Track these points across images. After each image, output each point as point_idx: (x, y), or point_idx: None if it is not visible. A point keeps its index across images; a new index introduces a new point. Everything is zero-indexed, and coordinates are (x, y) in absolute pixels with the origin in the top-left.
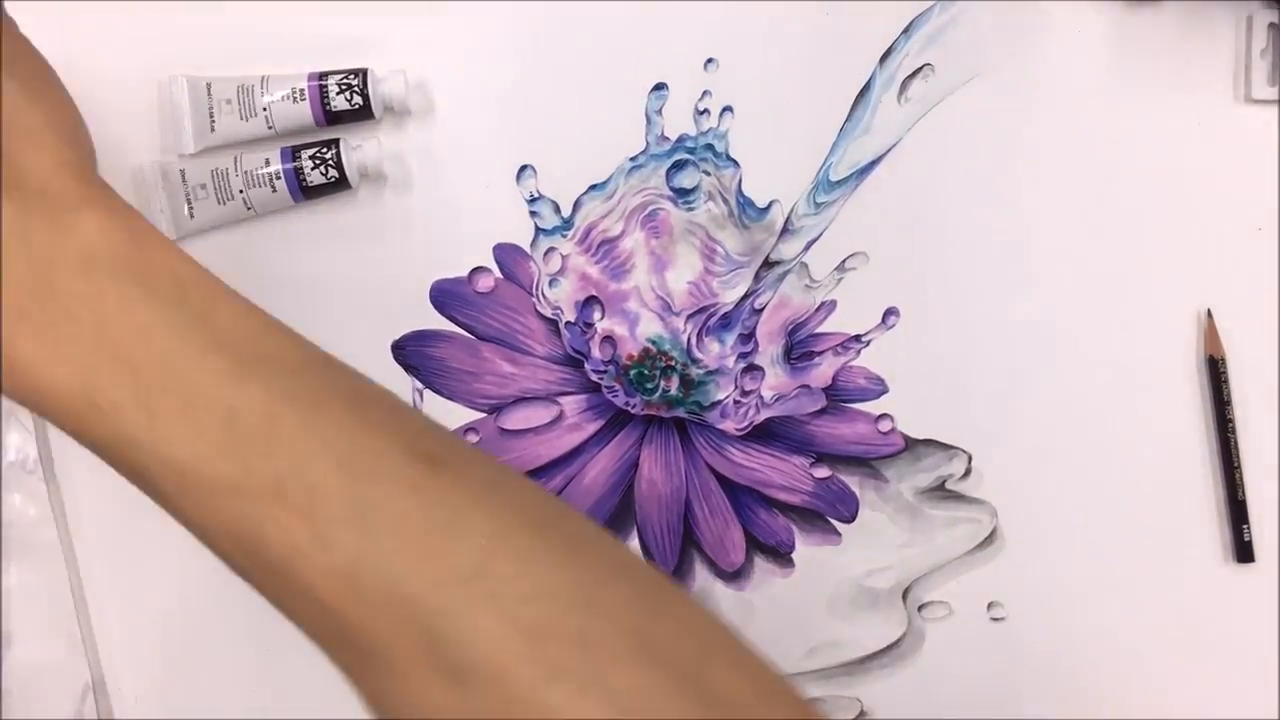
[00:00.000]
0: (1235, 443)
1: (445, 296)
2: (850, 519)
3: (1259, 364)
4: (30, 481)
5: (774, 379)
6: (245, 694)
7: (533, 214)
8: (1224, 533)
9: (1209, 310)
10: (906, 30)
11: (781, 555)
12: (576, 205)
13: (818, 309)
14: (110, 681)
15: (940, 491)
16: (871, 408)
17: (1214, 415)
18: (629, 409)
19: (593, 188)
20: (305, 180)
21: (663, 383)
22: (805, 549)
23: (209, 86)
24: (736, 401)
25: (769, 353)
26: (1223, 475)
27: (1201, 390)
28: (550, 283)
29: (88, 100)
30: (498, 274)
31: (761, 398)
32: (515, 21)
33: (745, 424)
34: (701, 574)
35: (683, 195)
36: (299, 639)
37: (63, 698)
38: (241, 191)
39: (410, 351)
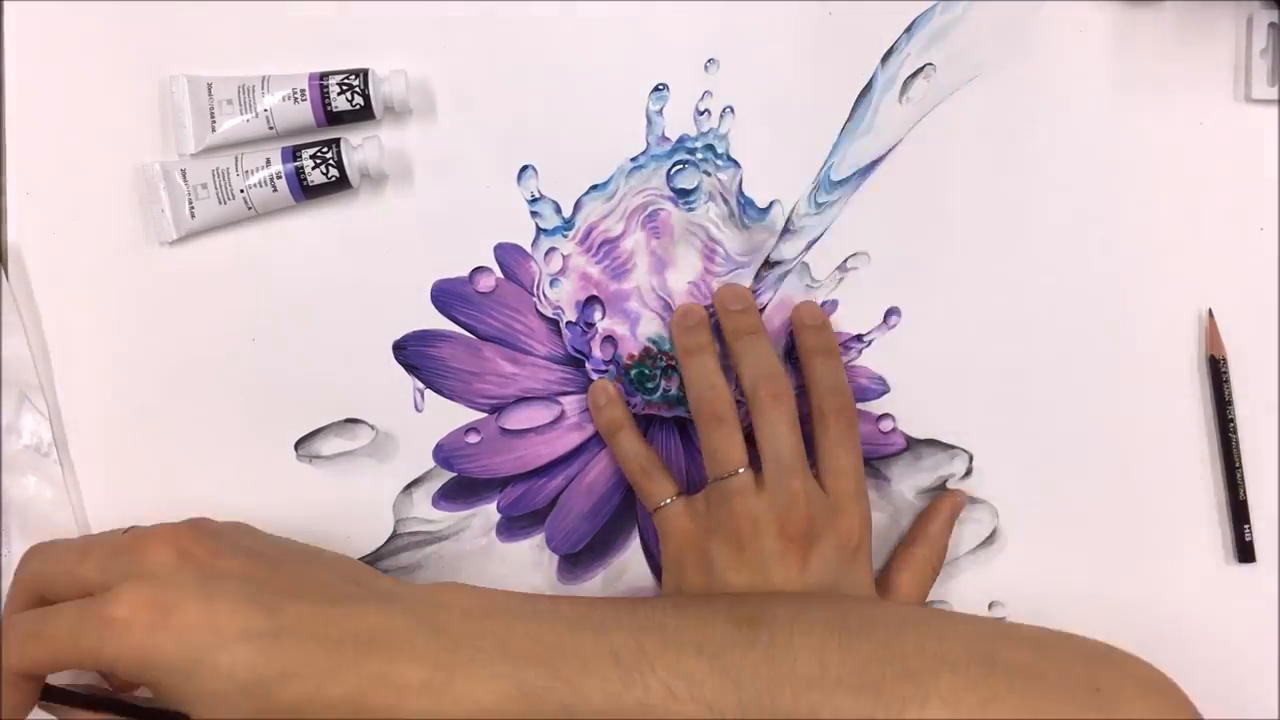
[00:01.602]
0: (1236, 443)
1: (446, 296)
2: None
3: (1260, 364)
4: (45, 464)
5: None
6: None
7: (534, 214)
8: (1225, 533)
9: (1210, 310)
10: (908, 30)
11: None
12: (577, 205)
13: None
14: None
15: (941, 491)
16: (873, 407)
17: (1215, 415)
18: (630, 409)
19: (594, 188)
20: (306, 180)
21: (664, 382)
22: None
23: (210, 86)
24: (737, 401)
25: None
26: (1224, 475)
27: (1202, 390)
28: (551, 282)
29: (89, 100)
30: (499, 274)
31: None
32: (516, 21)
33: (745, 424)
34: None
35: (683, 196)
36: None
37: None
38: (242, 191)
39: (411, 351)
